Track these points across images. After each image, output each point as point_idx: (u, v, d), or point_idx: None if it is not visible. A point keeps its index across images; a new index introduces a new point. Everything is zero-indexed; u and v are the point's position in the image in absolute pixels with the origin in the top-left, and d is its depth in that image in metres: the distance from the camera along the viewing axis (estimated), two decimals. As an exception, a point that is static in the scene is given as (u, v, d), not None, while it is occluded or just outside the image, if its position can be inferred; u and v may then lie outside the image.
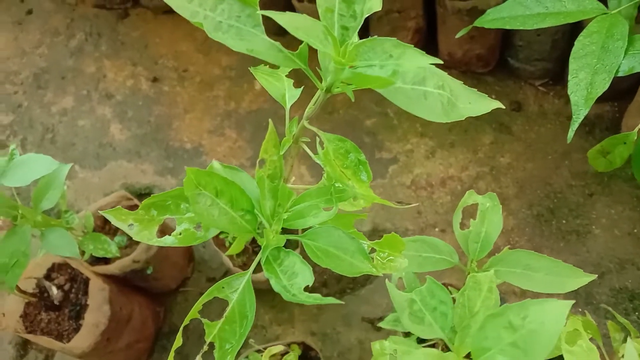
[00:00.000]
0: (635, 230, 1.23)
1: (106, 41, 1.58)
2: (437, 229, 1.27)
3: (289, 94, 0.55)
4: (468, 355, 0.42)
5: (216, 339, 0.47)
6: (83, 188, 1.36)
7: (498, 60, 1.44)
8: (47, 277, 1.05)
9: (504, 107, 0.47)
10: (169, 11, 1.61)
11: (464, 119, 0.46)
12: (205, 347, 0.48)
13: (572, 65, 0.77)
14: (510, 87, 1.43)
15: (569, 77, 0.77)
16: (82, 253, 1.06)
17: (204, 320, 0.47)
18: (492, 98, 0.49)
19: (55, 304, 1.03)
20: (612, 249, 1.21)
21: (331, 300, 0.39)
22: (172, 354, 0.47)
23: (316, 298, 0.40)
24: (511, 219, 1.28)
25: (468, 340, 0.43)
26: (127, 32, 1.59)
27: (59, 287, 1.04)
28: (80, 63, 1.55)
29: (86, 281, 1.04)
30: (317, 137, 0.48)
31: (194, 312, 0.48)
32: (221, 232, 1.04)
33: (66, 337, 1.00)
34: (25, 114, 1.48)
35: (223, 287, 0.47)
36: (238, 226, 0.44)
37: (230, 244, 1.01)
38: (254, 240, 0.96)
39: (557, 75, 1.42)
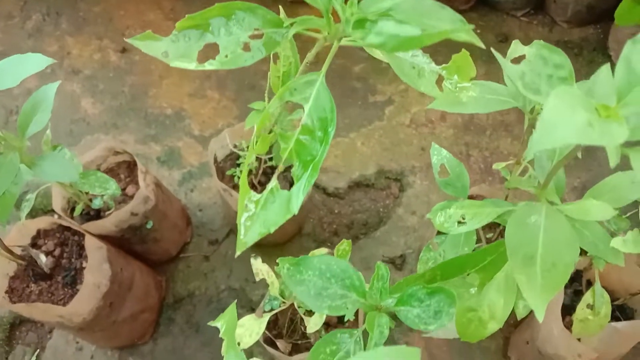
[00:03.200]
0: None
1: (66, 19, 1.47)
2: (445, 162, 1.21)
3: None
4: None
5: (293, 154, 0.39)
6: (58, 166, 1.24)
7: (478, -4, 1.42)
8: (33, 245, 0.93)
9: None
10: (131, -16, 1.52)
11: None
12: (281, 167, 0.39)
13: None
14: (494, 20, 1.41)
15: None
16: (72, 210, 0.95)
17: (279, 132, 0.39)
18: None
19: (45, 272, 0.90)
20: None
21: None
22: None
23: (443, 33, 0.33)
24: (516, 144, 1.24)
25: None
26: (88, 8, 1.49)
27: (48, 253, 0.92)
28: (40, 43, 1.43)
29: (79, 243, 0.93)
30: None
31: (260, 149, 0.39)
32: (230, 169, 0.95)
33: (62, 305, 0.88)
34: (-17, 98, 1.35)
35: (295, 89, 0.39)
36: None
37: (239, 178, 0.92)
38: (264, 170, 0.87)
39: (538, 4, 1.41)
